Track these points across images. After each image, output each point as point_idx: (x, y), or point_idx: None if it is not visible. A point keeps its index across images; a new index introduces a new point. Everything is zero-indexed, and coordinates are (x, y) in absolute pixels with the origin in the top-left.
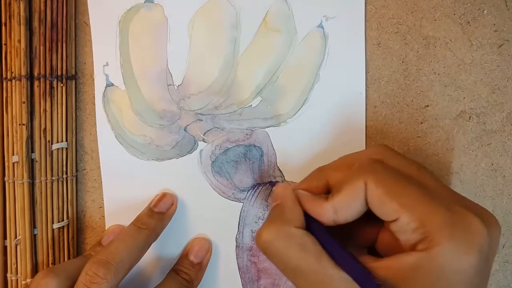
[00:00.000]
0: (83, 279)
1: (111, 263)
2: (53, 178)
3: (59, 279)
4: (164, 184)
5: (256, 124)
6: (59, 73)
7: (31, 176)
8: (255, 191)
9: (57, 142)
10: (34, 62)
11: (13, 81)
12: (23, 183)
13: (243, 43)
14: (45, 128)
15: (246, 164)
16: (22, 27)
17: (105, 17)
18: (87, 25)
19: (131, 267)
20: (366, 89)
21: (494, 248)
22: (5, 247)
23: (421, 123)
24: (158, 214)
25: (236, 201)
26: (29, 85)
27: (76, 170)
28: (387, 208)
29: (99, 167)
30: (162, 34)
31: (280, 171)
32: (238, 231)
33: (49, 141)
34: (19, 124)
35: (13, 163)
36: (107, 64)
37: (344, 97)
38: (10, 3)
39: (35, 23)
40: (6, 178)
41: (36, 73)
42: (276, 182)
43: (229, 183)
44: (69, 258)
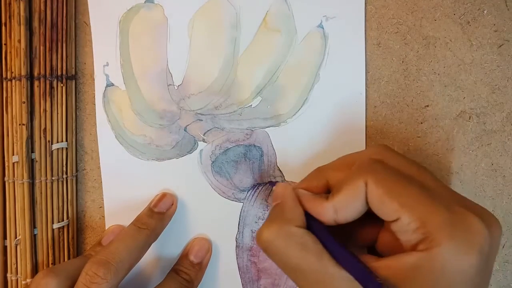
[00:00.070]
0: (83, 279)
1: (111, 263)
2: (53, 178)
3: (59, 279)
4: (164, 184)
5: (256, 124)
6: (59, 73)
7: (31, 176)
8: (255, 191)
9: (57, 142)
10: (34, 62)
11: (13, 81)
12: (23, 183)
13: (243, 43)
14: (45, 128)
15: (246, 164)
16: (22, 27)
17: (106, 17)
18: (87, 25)
19: (131, 267)
20: (366, 89)
21: (495, 248)
22: (5, 247)
23: (421, 123)
24: (158, 214)
25: (236, 201)
26: (29, 85)
27: (76, 170)
28: (388, 208)
29: (99, 167)
30: (162, 34)
31: (280, 171)
32: (238, 231)
33: (49, 141)
34: (19, 124)
35: (13, 163)
36: (107, 64)
37: (344, 97)
38: (10, 3)
39: (35, 23)
40: (6, 178)
41: (36, 73)
42: (276, 182)
43: (229, 183)
44: (69, 258)
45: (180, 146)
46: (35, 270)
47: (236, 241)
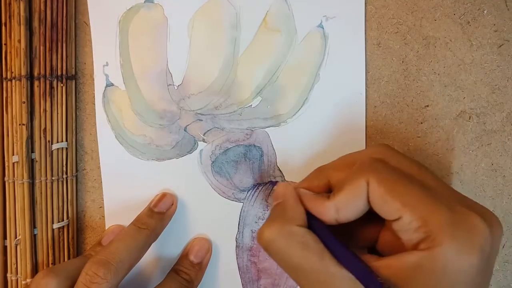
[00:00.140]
0: (83, 279)
1: (111, 263)
2: (53, 178)
3: (59, 279)
4: (164, 184)
5: (256, 124)
6: (59, 73)
7: (31, 176)
8: (255, 191)
9: (57, 142)
10: (34, 62)
11: (13, 81)
12: (23, 183)
13: (243, 43)
14: (45, 128)
15: (246, 164)
16: (22, 27)
17: (105, 17)
18: (87, 25)
19: (131, 267)
20: (366, 89)
21: (496, 248)
22: (5, 247)
23: (421, 123)
24: (158, 214)
25: (236, 201)
26: (29, 85)
27: (76, 170)
28: (389, 207)
29: (99, 167)
30: (162, 34)
31: (280, 171)
32: (238, 231)
33: (49, 141)
34: (19, 124)
35: (13, 163)
36: (107, 64)
37: (344, 97)
38: (10, 3)
39: (35, 23)
40: (6, 178)
41: (36, 73)
42: (276, 182)
43: (229, 183)
44: (69, 258)
45: (180, 146)
46: (35, 270)
47: (236, 241)
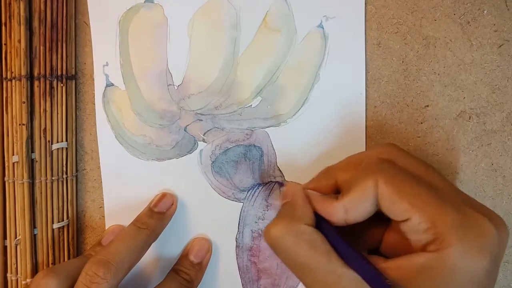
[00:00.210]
0: (83, 279)
1: (111, 263)
2: (53, 178)
3: (59, 279)
4: (164, 184)
5: (256, 124)
6: (59, 73)
7: (31, 176)
8: (255, 191)
9: (57, 142)
10: (34, 62)
11: (13, 81)
12: (23, 183)
13: (243, 43)
14: (45, 128)
15: (246, 164)
16: (22, 27)
17: (105, 17)
18: (87, 25)
19: (131, 267)
20: (366, 89)
21: (503, 250)
22: (5, 247)
23: (421, 123)
24: (158, 214)
25: (236, 201)
26: (29, 85)
27: (76, 170)
28: (398, 208)
29: (99, 167)
30: (162, 34)
31: (280, 171)
32: (238, 231)
33: (49, 141)
34: (19, 124)
35: (13, 163)
36: (107, 64)
37: (344, 97)
38: (10, 3)
39: (35, 23)
40: (6, 178)
41: (36, 73)
42: (277, 182)
43: (229, 183)
44: (69, 258)
45: (180, 146)
46: (35, 270)
47: (236, 241)
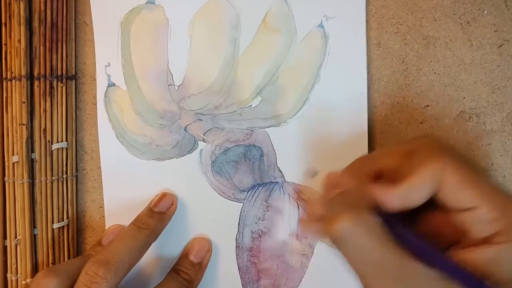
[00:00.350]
0: (83, 279)
1: (111, 263)
2: (53, 178)
3: (59, 279)
4: (164, 184)
5: (256, 124)
6: (59, 73)
7: (31, 176)
8: (255, 191)
9: (57, 142)
10: (34, 62)
11: (13, 81)
12: (23, 183)
13: (243, 43)
14: (45, 128)
15: (246, 164)
16: (22, 27)
17: (107, 18)
18: (87, 25)
19: (131, 267)
20: (367, 89)
21: None
22: (5, 247)
23: (421, 123)
24: (158, 214)
25: (236, 201)
26: (29, 85)
27: (76, 170)
28: (465, 195)
29: (99, 167)
30: (163, 35)
31: (280, 171)
32: (238, 231)
33: (49, 141)
34: (19, 124)
35: (13, 163)
36: (109, 65)
37: (345, 97)
38: (10, 3)
39: (35, 23)
40: (6, 178)
41: (36, 73)
42: (277, 183)
43: (229, 183)
44: (69, 258)
45: (180, 146)
46: (35, 270)
47: (236, 241)
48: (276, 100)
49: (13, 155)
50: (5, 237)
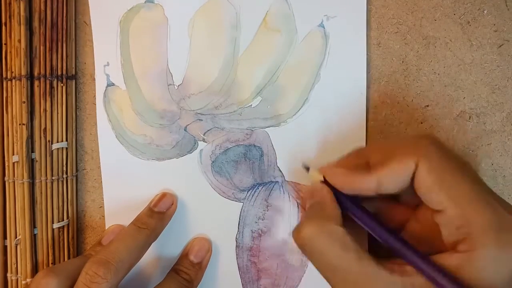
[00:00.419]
0: (83, 279)
1: (111, 263)
2: (53, 178)
3: (59, 279)
4: (164, 184)
5: (256, 124)
6: (59, 73)
7: (31, 176)
8: (255, 191)
9: (57, 142)
10: (34, 62)
11: (13, 81)
12: (23, 183)
13: (243, 43)
14: (45, 128)
15: (246, 164)
16: (22, 27)
17: (106, 17)
18: (87, 25)
19: (131, 267)
20: (366, 89)
21: None
22: (5, 247)
23: (421, 123)
24: (158, 214)
25: (236, 201)
26: (29, 85)
27: (76, 170)
28: (437, 197)
29: (99, 167)
30: (163, 34)
31: (280, 171)
32: (238, 231)
33: (49, 141)
34: (19, 124)
35: (13, 163)
36: (108, 64)
37: (345, 97)
38: (10, 3)
39: (35, 23)
40: (6, 178)
41: (36, 73)
42: (277, 182)
43: (229, 183)
44: (69, 258)
45: (180, 146)
46: (35, 270)
47: (236, 241)
48: (276, 100)
49: (13, 155)
50: (5, 237)
